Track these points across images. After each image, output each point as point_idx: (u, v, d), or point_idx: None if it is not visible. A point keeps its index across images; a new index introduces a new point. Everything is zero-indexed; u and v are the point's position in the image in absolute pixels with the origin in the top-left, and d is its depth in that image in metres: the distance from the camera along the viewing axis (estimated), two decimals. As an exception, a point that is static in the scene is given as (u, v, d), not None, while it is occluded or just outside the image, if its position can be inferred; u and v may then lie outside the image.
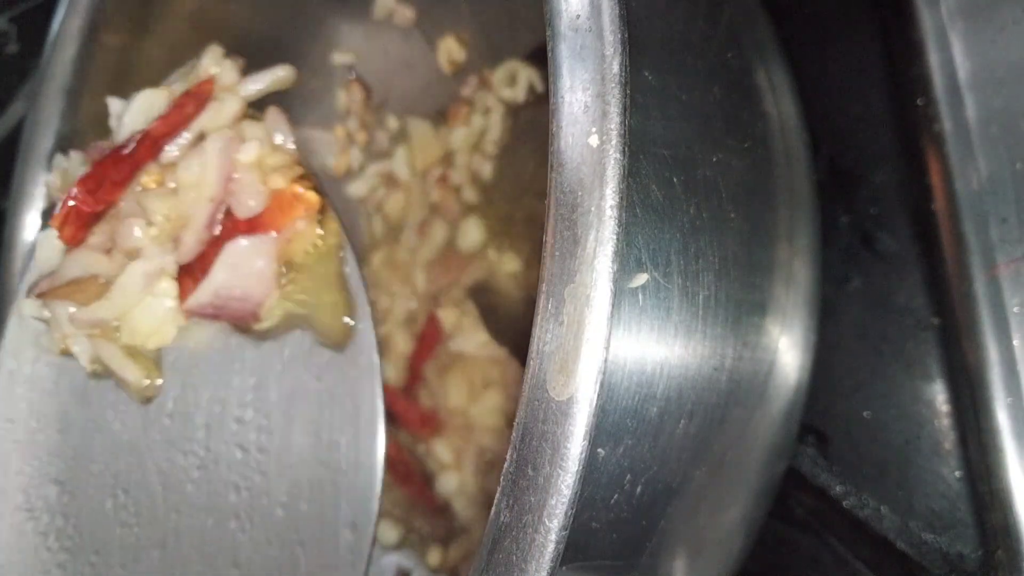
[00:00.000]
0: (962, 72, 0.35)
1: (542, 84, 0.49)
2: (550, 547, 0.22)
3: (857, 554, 0.38)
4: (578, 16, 0.24)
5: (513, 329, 0.48)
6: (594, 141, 0.23)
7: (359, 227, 0.56)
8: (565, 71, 0.24)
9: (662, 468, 0.26)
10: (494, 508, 0.23)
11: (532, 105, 0.50)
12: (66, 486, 0.34)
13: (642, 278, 0.25)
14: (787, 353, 0.31)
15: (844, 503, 0.38)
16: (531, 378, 0.23)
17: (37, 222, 0.43)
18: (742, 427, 0.29)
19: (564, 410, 0.22)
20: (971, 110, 0.34)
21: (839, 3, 0.41)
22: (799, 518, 0.40)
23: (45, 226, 0.36)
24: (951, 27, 0.35)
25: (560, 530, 0.22)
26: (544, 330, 0.23)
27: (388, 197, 0.55)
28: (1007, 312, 0.33)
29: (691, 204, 0.26)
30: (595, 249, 0.22)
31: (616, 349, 0.24)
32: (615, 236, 0.22)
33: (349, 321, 0.32)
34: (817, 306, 0.34)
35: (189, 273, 0.32)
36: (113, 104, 0.36)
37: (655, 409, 0.25)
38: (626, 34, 0.23)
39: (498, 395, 0.48)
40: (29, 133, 0.43)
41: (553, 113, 0.24)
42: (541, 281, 0.23)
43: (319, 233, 0.33)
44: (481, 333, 0.49)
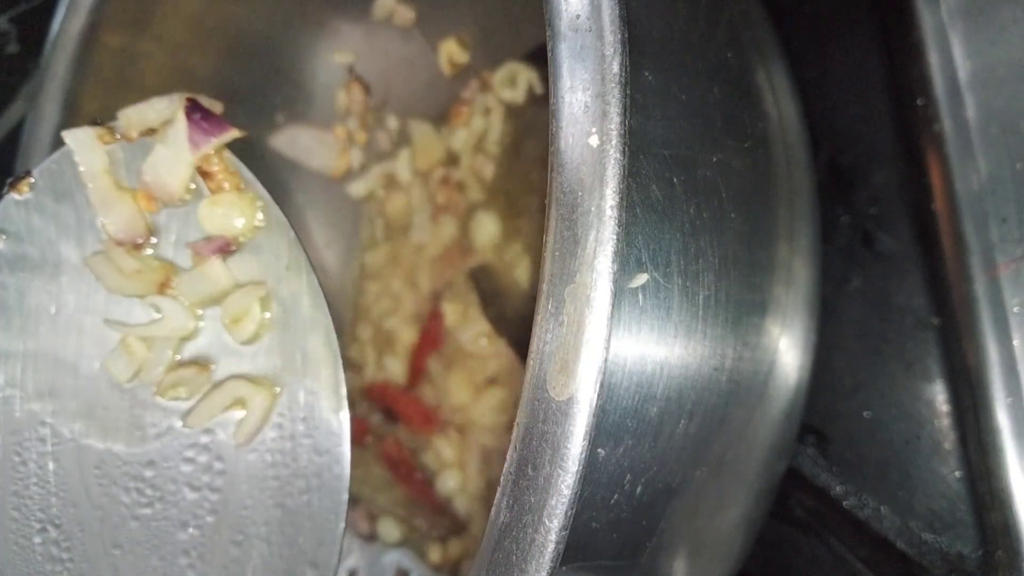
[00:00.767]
0: (962, 72, 0.35)
1: (542, 86, 0.49)
2: (550, 547, 0.22)
3: (857, 554, 0.38)
4: (578, 16, 0.24)
5: (518, 326, 0.48)
6: (594, 141, 0.23)
7: (359, 226, 0.56)
8: (565, 71, 0.24)
9: (662, 468, 0.26)
10: (494, 508, 0.23)
11: (533, 105, 0.50)
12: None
13: (642, 278, 0.25)
14: (787, 353, 0.31)
15: (844, 503, 0.38)
16: (531, 378, 0.23)
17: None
18: (742, 427, 0.29)
19: (564, 410, 0.22)
20: (971, 110, 0.34)
21: (839, 3, 0.41)
22: (799, 518, 0.40)
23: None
24: (951, 27, 0.35)
25: (560, 530, 0.22)
26: (544, 330, 0.23)
27: (389, 197, 0.55)
28: (1007, 312, 0.33)
29: (691, 204, 0.26)
30: (595, 249, 0.22)
31: (616, 349, 0.24)
32: (615, 236, 0.22)
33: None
34: (817, 306, 0.34)
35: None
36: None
37: (655, 409, 0.26)
38: (626, 34, 0.23)
39: (501, 393, 0.48)
40: (29, 133, 0.43)
41: (553, 113, 0.24)
42: (541, 281, 0.23)
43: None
44: (483, 324, 0.49)
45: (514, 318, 0.48)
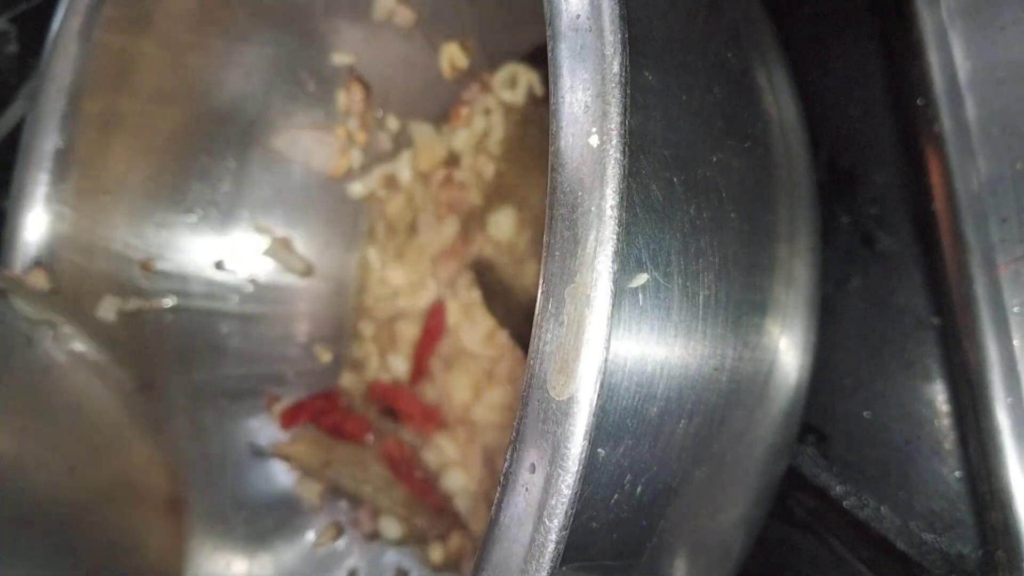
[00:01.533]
0: (962, 72, 0.35)
1: (542, 87, 0.49)
2: (550, 547, 0.22)
3: (857, 554, 0.38)
4: (578, 16, 0.24)
5: (520, 319, 0.48)
6: (594, 141, 0.23)
7: (360, 225, 0.56)
8: (565, 71, 0.24)
9: (662, 468, 0.26)
10: (494, 508, 0.23)
11: (534, 105, 0.50)
12: None
13: (642, 278, 0.25)
14: (787, 353, 0.31)
15: (844, 503, 0.38)
16: (531, 378, 0.23)
17: (37, 222, 0.43)
18: (742, 427, 0.29)
19: (564, 410, 0.22)
20: (971, 110, 0.34)
21: (839, 3, 0.41)
22: (799, 518, 0.40)
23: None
24: (951, 27, 0.35)
25: (560, 530, 0.22)
26: (544, 330, 0.23)
27: (390, 198, 0.55)
28: (1007, 312, 0.33)
29: (691, 204, 0.26)
30: (595, 249, 0.22)
31: (616, 349, 0.24)
32: (615, 236, 0.22)
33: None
34: (817, 306, 0.34)
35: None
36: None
37: (655, 409, 0.25)
38: (626, 34, 0.23)
39: (502, 391, 0.48)
40: (29, 133, 0.43)
41: (553, 113, 0.24)
42: (541, 281, 0.23)
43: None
44: (485, 321, 0.49)
45: (516, 311, 0.48)
